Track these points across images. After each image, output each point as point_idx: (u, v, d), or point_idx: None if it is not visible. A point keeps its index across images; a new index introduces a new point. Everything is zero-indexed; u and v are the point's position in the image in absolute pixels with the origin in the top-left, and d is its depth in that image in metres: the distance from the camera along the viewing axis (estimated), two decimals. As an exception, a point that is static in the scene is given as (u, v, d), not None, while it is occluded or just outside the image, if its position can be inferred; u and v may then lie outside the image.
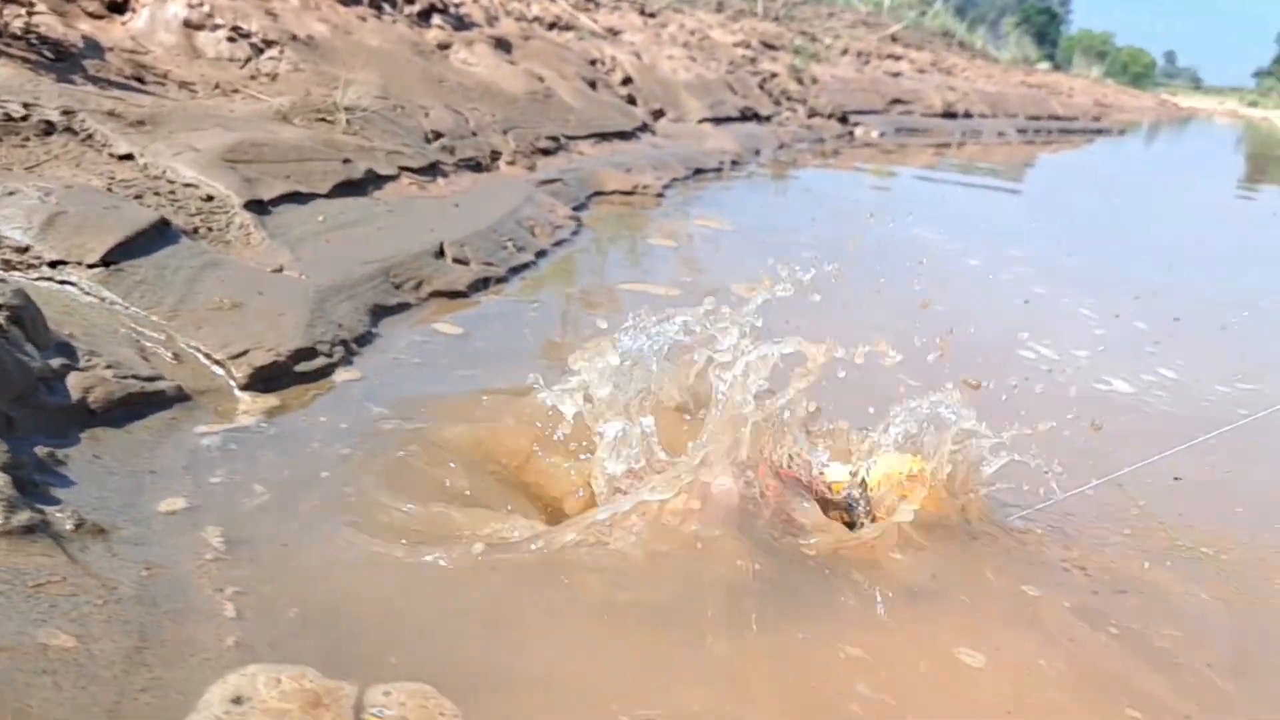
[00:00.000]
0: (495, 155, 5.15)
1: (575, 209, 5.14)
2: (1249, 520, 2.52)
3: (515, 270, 3.87)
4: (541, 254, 4.19)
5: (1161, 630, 1.99)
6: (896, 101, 14.26)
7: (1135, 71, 71.67)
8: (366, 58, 4.92)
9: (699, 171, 7.18)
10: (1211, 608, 2.12)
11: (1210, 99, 69.91)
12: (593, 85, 7.42)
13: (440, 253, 3.60)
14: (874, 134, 12.35)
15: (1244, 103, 64.61)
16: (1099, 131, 21.08)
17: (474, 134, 5.12)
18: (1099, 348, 3.82)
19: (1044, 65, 38.82)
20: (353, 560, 1.79)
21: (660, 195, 6.03)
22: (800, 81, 12.33)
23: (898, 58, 18.49)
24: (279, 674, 1.49)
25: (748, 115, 9.85)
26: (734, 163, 7.91)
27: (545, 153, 5.71)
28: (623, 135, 6.95)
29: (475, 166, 4.89)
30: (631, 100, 8.03)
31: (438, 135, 4.77)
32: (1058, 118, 19.62)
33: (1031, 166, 13.09)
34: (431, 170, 4.44)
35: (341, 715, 1.43)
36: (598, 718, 1.50)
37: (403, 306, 3.23)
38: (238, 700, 1.43)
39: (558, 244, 4.41)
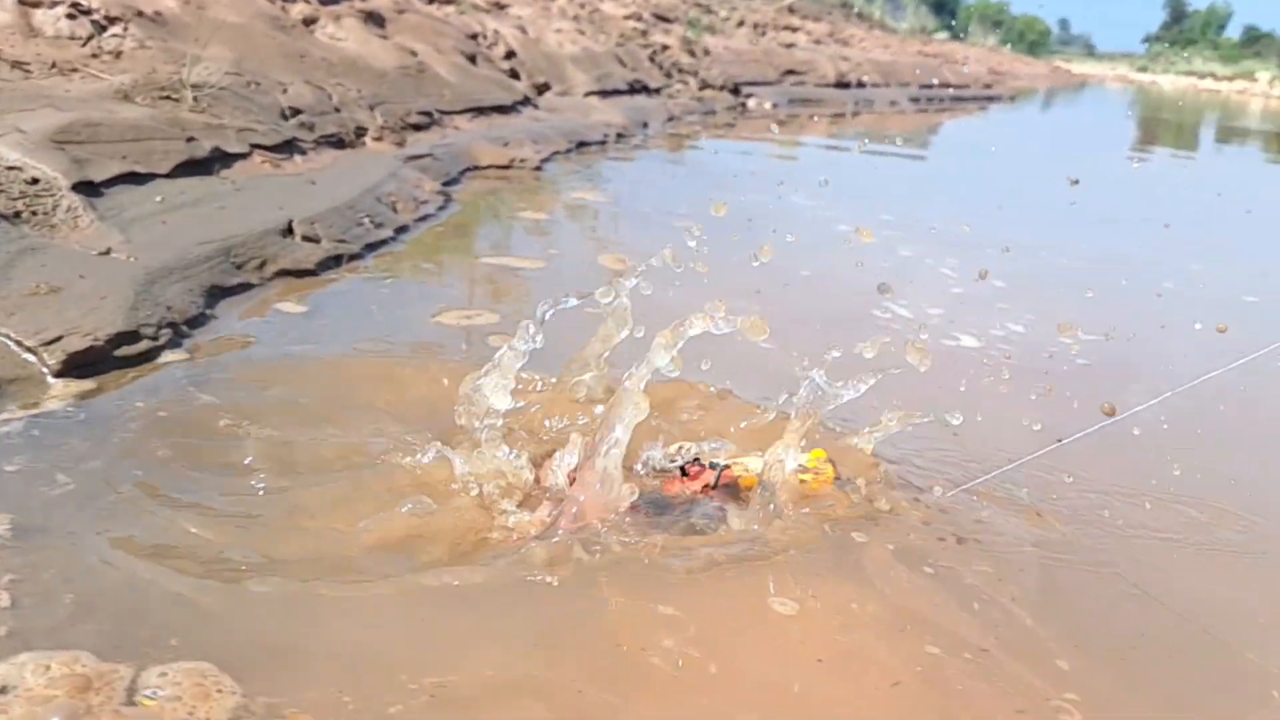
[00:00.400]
0: (360, 131, 5.05)
1: (446, 184, 5.07)
2: (1083, 469, 2.57)
3: (371, 247, 3.81)
4: (403, 230, 4.13)
5: (974, 568, 2.04)
6: (790, 73, 14.36)
7: (1031, 39, 73.24)
8: (220, 33, 4.77)
9: (582, 145, 7.14)
10: (1025, 547, 2.18)
11: (1103, 65, 71.90)
12: (472, 59, 7.32)
13: (289, 231, 3.52)
14: (767, 105, 12.43)
15: (1134, 68, 66.59)
16: (990, 99, 21.53)
17: (337, 110, 5.00)
18: (952, 306, 3.91)
19: (942, 35, 39.51)
20: (145, 546, 1.75)
21: (538, 169, 5.98)
22: (692, 54, 12.33)
23: (794, 29, 18.63)
24: (49, 660, 1.44)
25: (636, 88, 9.83)
26: (620, 136, 7.88)
27: (417, 128, 5.61)
28: (502, 109, 6.87)
29: (338, 143, 4.78)
30: (514, 74, 7.94)
31: (296, 112, 4.66)
32: (949, 85, 19.99)
33: (924, 134, 13.30)
34: (287, 147, 4.34)
35: (113, 698, 1.40)
36: (383, 685, 1.49)
37: (244, 287, 3.15)
38: (2, 690, 1.39)
39: (422, 219, 4.35)
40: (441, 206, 4.63)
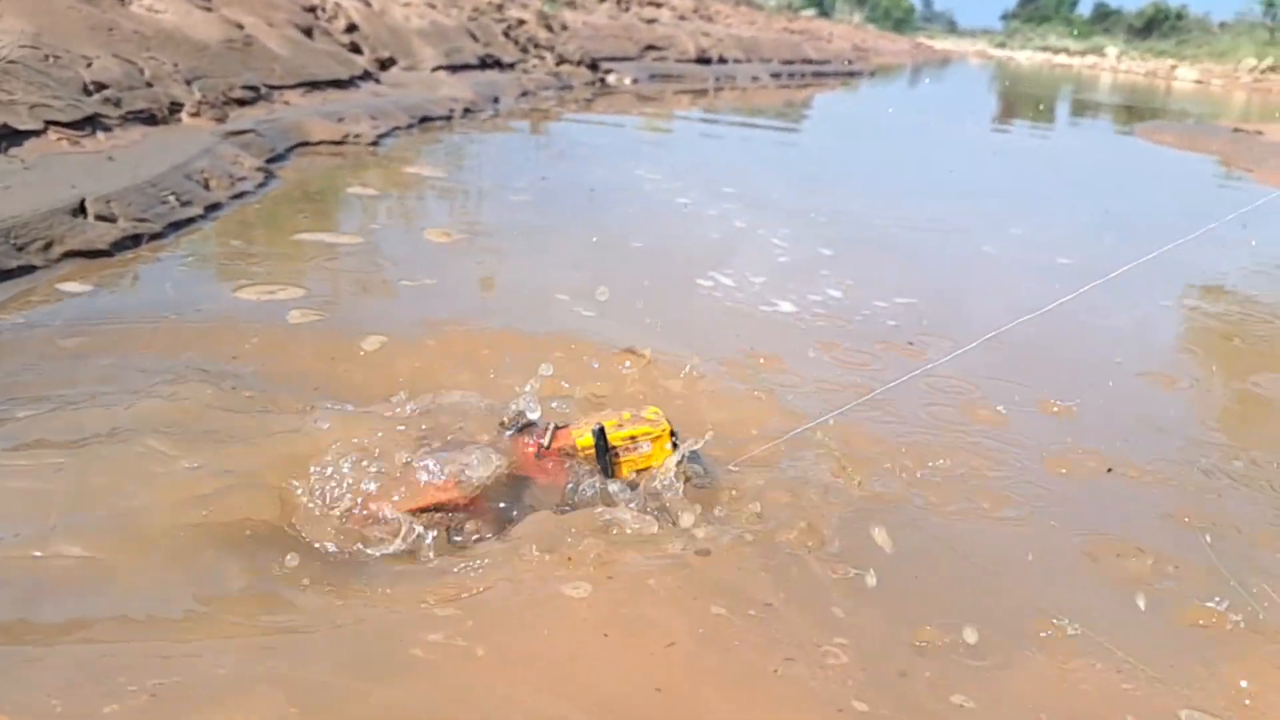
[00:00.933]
0: (176, 107, 4.81)
1: (270, 161, 4.88)
2: (889, 421, 2.61)
3: (176, 225, 3.64)
4: (215, 207, 3.96)
5: (781, 525, 2.03)
6: (651, 48, 14.34)
7: (897, 17, 74.91)
8: (15, 4, 4.47)
9: (426, 120, 6.98)
10: (832, 500, 2.17)
11: (964, 41, 74.17)
12: (308, 33, 7.06)
13: (81, 210, 3.32)
14: (627, 81, 12.39)
15: (993, 44, 68.89)
16: (852, 74, 21.96)
17: (149, 85, 4.75)
18: (776, 274, 3.94)
19: (809, 12, 40.06)
20: None
21: (375, 144, 5.82)
22: (550, 29, 12.20)
23: (658, 4, 18.60)
24: None
25: (489, 63, 9.66)
26: (467, 111, 7.73)
27: (241, 103, 5.38)
28: (339, 84, 6.65)
29: (149, 119, 4.55)
30: (356, 48, 7.70)
31: (101, 87, 4.40)
32: (811, 61, 20.29)
33: (786, 109, 13.43)
34: (89, 124, 4.10)
35: None
36: (100, 688, 1.40)
37: (26, 269, 2.97)
38: None
39: (237, 196, 4.17)
40: (262, 183, 4.45)
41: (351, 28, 7.92)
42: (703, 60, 15.33)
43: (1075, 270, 4.50)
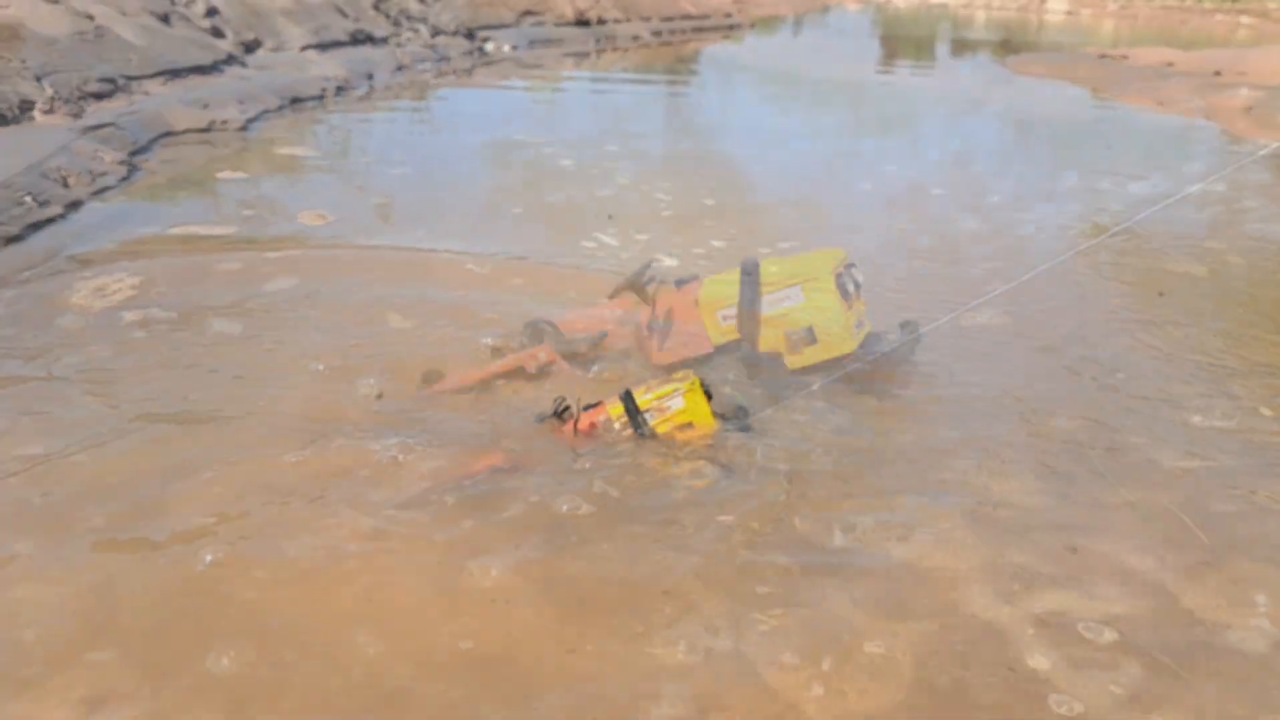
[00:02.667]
0: (26, 105, 4.60)
1: (134, 154, 4.70)
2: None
3: (35, 226, 3.50)
4: (75, 205, 3.81)
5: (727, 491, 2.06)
6: (528, 13, 14.14)
7: (775, -32, 75.02)
8: None
9: (297, 101, 6.78)
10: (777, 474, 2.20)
11: (842, -12, 74.70)
12: (165, 19, 6.80)
13: (-75, 219, 3.17)
14: (506, 48, 12.20)
15: (871, -11, 69.55)
16: (732, 27, 21.97)
17: (-6, 83, 4.54)
18: (660, 230, 3.96)
19: (686, -33, 39.80)
20: None
21: (244, 129, 5.65)
22: (423, 0, 11.94)
23: (533, -31, 18.27)
24: None
25: (360, 39, 9.42)
26: (340, 89, 7.53)
27: (98, 97, 5.17)
28: (202, 70, 6.42)
29: (-3, 119, 4.35)
30: (218, 32, 7.44)
31: (-59, 89, 4.20)
32: (690, 16, 20.23)
33: (670, 65, 13.39)
34: (-70, 128, 3.90)
35: None
36: None
37: None
38: None
39: (99, 193, 4.02)
40: (125, 177, 4.29)
41: (211, 11, 7.64)
42: (582, 22, 15.18)
43: (948, 200, 4.62)
